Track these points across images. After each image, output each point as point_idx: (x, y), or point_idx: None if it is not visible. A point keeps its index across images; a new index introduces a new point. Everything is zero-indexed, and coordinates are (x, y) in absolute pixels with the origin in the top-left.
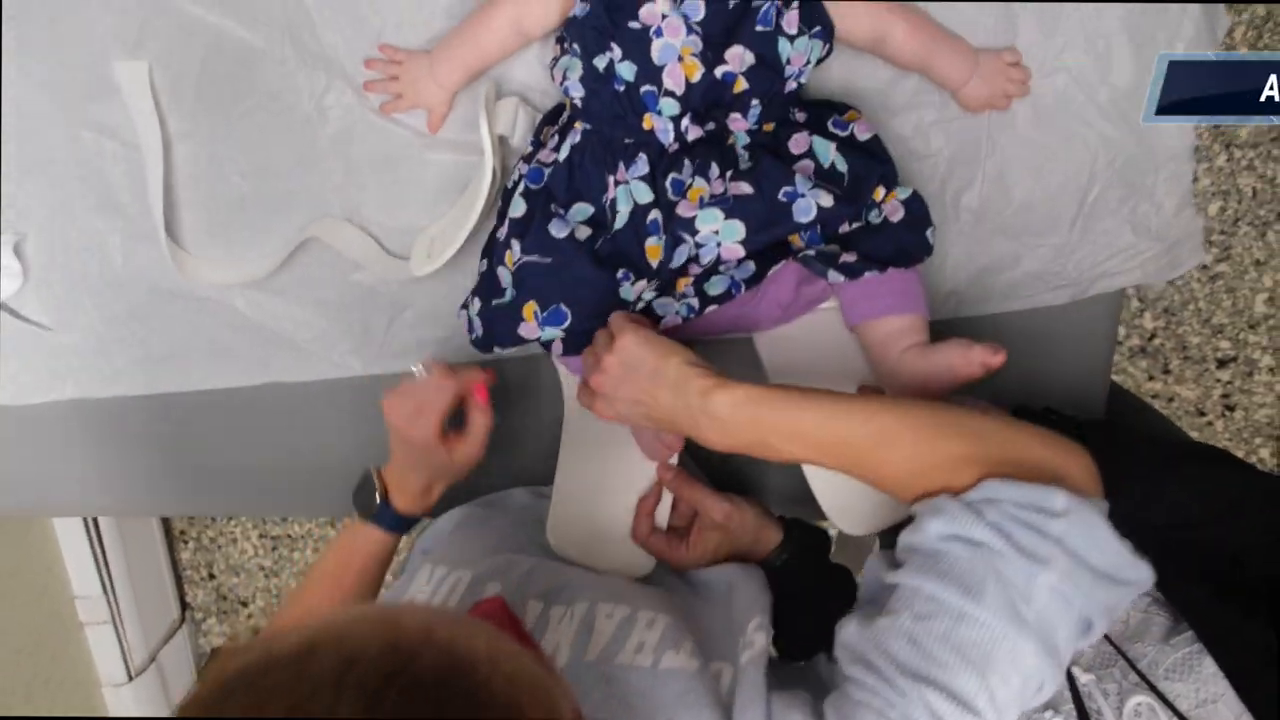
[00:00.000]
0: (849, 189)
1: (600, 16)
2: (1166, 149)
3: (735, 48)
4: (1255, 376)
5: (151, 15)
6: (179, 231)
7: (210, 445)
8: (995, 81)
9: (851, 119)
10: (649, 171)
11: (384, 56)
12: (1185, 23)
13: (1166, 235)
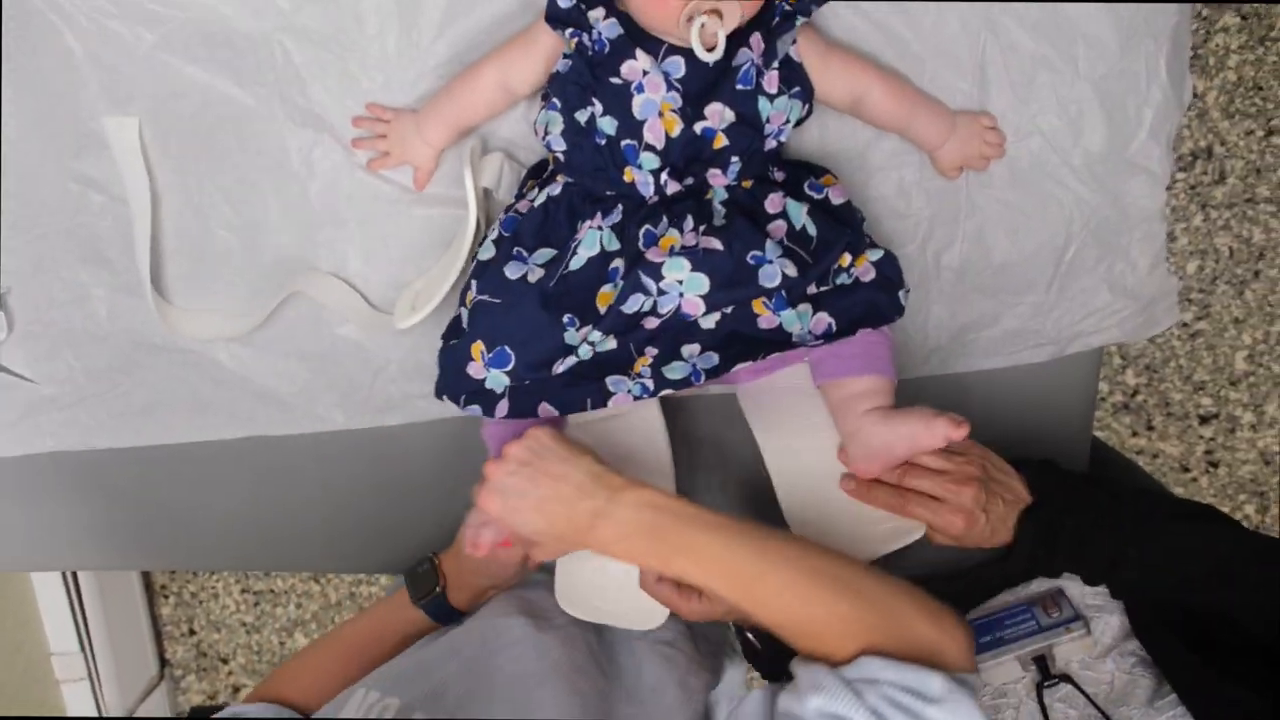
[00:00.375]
0: (815, 253)
1: (583, 72)
2: (1139, 210)
3: (715, 104)
4: (1237, 433)
5: (141, 72)
6: (164, 284)
7: (191, 499)
8: (972, 143)
9: (828, 183)
10: (621, 220)
11: (371, 115)
12: (1154, 89)
13: (1142, 294)
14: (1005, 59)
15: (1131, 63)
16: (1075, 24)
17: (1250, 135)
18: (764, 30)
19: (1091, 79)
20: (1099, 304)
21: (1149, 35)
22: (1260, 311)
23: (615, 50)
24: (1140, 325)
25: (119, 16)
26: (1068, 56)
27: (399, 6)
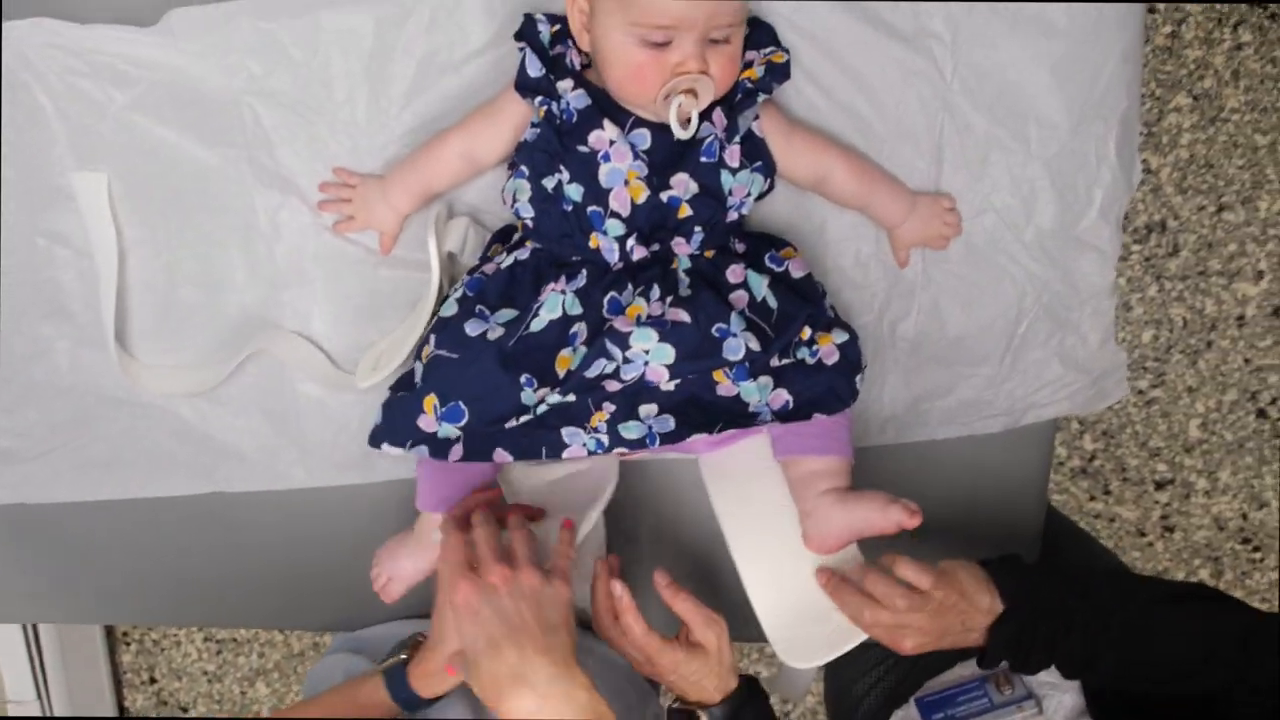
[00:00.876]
0: (776, 325)
1: (551, 141)
2: (1089, 286)
3: (680, 175)
4: (1192, 499)
5: (111, 131)
6: (128, 339)
7: (151, 554)
8: (932, 223)
9: (788, 255)
10: (585, 285)
11: (338, 180)
12: (1104, 170)
13: (1092, 368)
14: (961, 139)
15: (1082, 144)
16: (1028, 106)
17: (1202, 211)
18: (726, 106)
19: (1043, 159)
20: (1051, 376)
21: (1099, 118)
22: (1213, 381)
23: (583, 120)
24: (1091, 398)
25: (90, 76)
26: (1020, 137)
27: (368, 74)
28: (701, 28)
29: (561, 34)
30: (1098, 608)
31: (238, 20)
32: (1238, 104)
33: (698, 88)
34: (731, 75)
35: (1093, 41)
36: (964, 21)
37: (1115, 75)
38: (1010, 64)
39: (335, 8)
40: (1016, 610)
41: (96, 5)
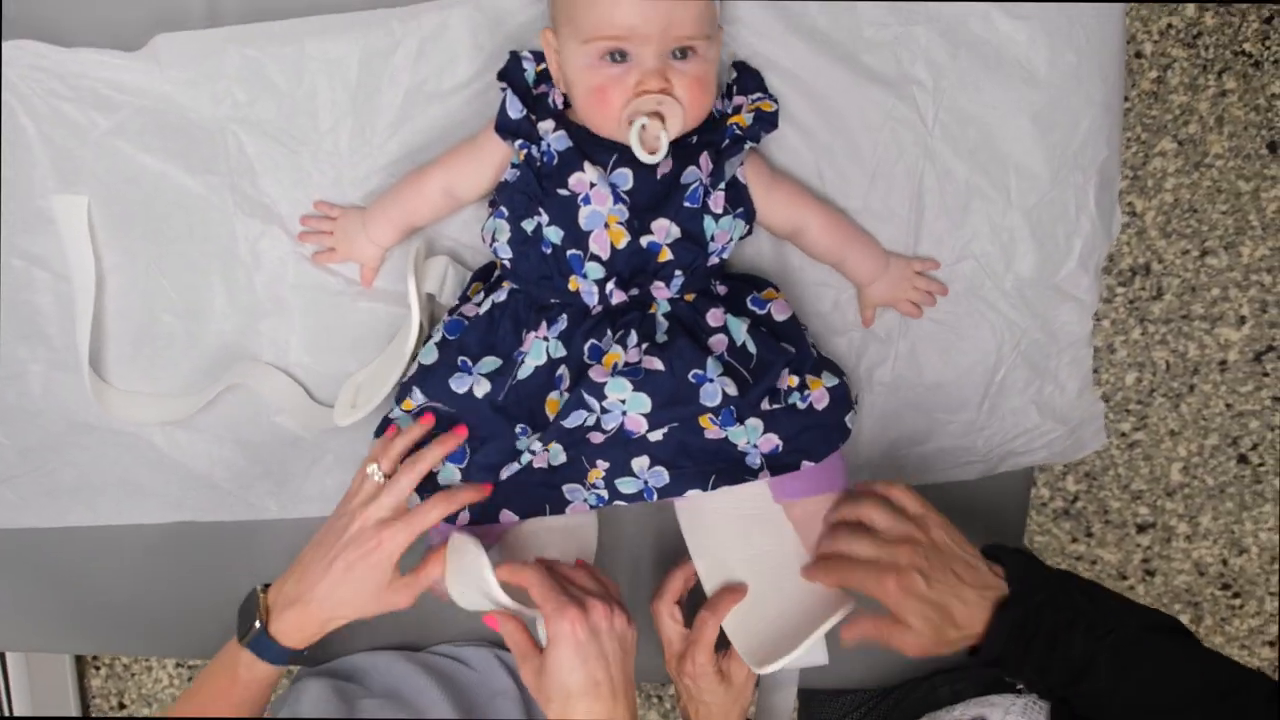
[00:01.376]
0: (755, 371)
1: (531, 182)
2: (1068, 335)
3: (661, 220)
4: (1173, 543)
5: (93, 156)
6: (104, 365)
7: (118, 582)
8: (901, 285)
9: (770, 297)
10: (567, 328)
11: (319, 213)
12: (1083, 220)
13: (1070, 417)
14: (941, 185)
15: (1061, 194)
16: (1009, 154)
17: (1186, 255)
18: (713, 151)
19: (1023, 208)
20: (1028, 425)
21: (1078, 168)
22: (1194, 425)
23: (563, 162)
24: (1068, 447)
25: (73, 100)
26: (1000, 186)
27: (354, 104)
28: (658, 40)
29: (547, 72)
30: (1103, 610)
31: (224, 47)
32: (1221, 150)
33: (664, 111)
34: (701, 98)
35: (1074, 91)
36: (947, 67)
37: (1095, 125)
38: (992, 111)
39: (322, 36)
40: (1023, 594)
41: (83, 28)
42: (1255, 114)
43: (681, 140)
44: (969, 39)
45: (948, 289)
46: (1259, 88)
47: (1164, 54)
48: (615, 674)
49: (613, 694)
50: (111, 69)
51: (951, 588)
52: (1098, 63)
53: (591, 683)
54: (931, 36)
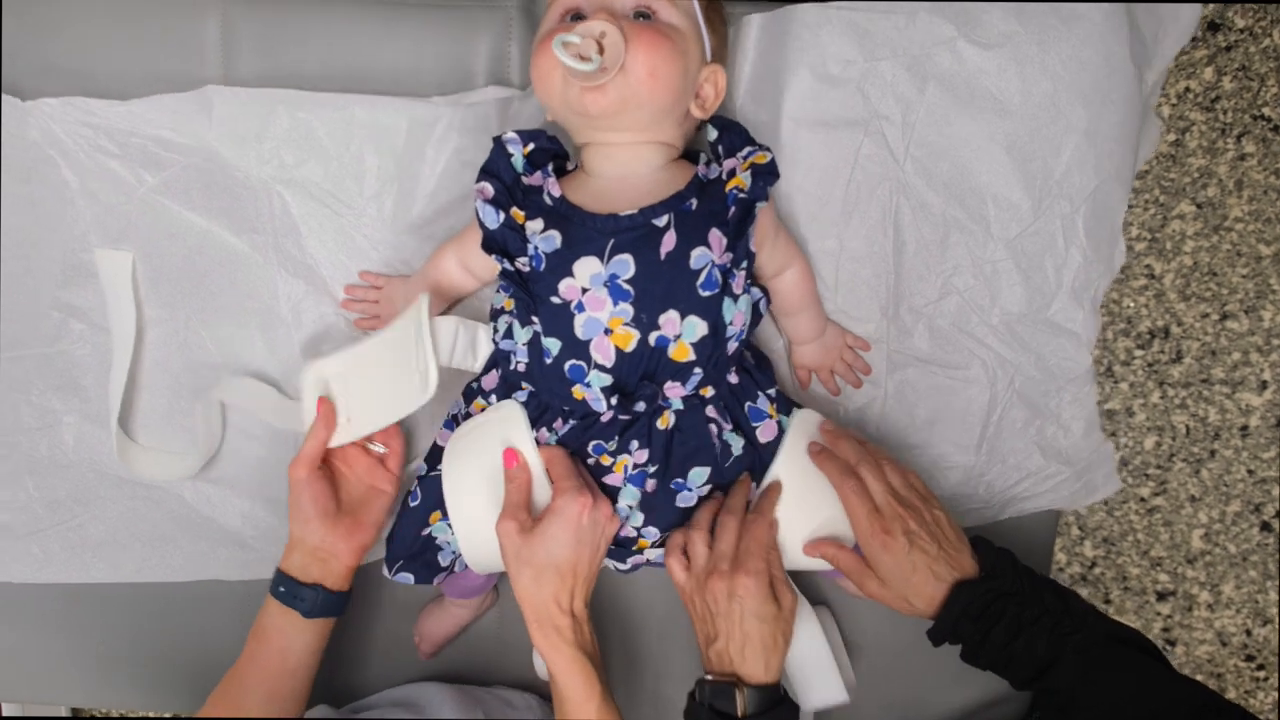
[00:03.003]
0: (727, 470)
1: (520, 294)
2: (1065, 371)
3: (670, 312)
4: (1194, 612)
5: (138, 212)
6: (135, 416)
7: (129, 637)
8: (830, 353)
9: (772, 414)
10: (569, 433)
11: (365, 283)
12: (1073, 251)
13: (1077, 459)
14: (917, 218)
15: (1046, 225)
16: (984, 187)
17: (1206, 318)
18: (721, 225)
19: (1004, 239)
20: (1032, 468)
21: (1063, 198)
22: (1216, 491)
23: (552, 267)
24: (1078, 492)
25: (120, 157)
26: (979, 218)
27: (399, 170)
28: None
29: (540, 152)
30: (1073, 613)
31: (274, 107)
32: (1241, 213)
33: (604, 42)
34: (655, 48)
35: (1051, 120)
36: (915, 101)
37: (1078, 153)
38: (964, 144)
39: (373, 105)
40: (987, 580)
41: (134, 83)
42: (1275, 178)
43: (680, 208)
44: (937, 72)
45: (871, 369)
46: (1278, 152)
47: (1182, 117)
48: (589, 567)
49: (583, 578)
50: (161, 125)
51: (930, 560)
52: (1078, 89)
53: (570, 565)
54: (898, 71)
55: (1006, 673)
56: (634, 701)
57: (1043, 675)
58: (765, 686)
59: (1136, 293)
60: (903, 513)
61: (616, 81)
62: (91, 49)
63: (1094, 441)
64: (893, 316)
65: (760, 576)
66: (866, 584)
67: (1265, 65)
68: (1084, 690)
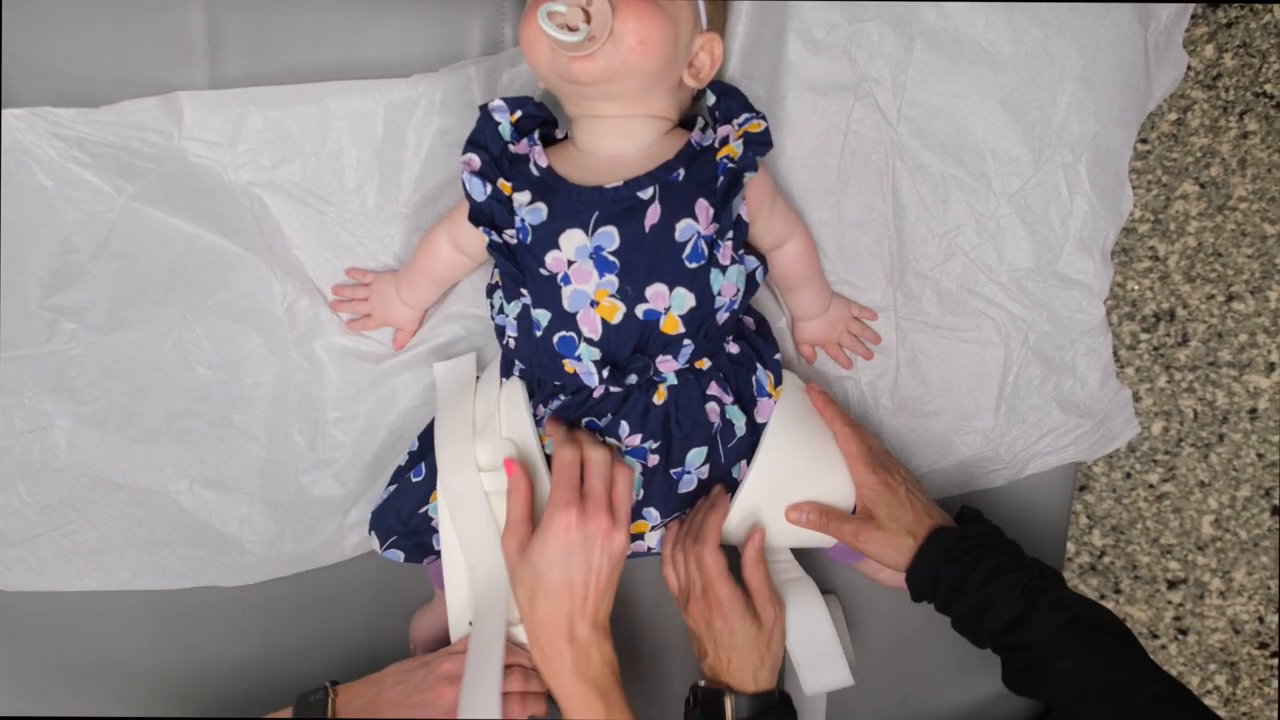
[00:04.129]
0: (728, 453)
1: (507, 265)
2: (1078, 324)
3: (658, 285)
4: (1206, 600)
5: (121, 220)
6: (131, 417)
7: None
8: (835, 327)
9: (775, 395)
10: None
11: (353, 280)
12: (1078, 200)
13: (1095, 410)
14: (915, 181)
15: (1049, 176)
16: (982, 142)
17: (1211, 300)
18: (709, 195)
19: (1006, 194)
20: (1052, 424)
21: (1064, 147)
22: (1225, 476)
23: (538, 240)
24: (1098, 442)
25: (94, 167)
26: (979, 174)
27: (379, 161)
28: None
29: (527, 119)
30: (1050, 578)
31: (246, 109)
32: (1245, 192)
33: (591, 10)
34: (644, 14)
35: (1045, 68)
36: (904, 60)
37: (1076, 100)
38: (958, 100)
39: (346, 95)
40: (972, 526)
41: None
42: (1279, 155)
43: (666, 180)
44: (924, 29)
45: (880, 339)
46: None
47: (1183, 96)
48: (593, 584)
49: (583, 601)
50: (130, 136)
51: (917, 510)
52: (1069, 33)
53: (565, 583)
54: (884, 31)
55: (980, 624)
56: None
57: (1014, 627)
58: (755, 694)
59: (1141, 275)
60: (888, 464)
61: (605, 49)
62: (73, 50)
63: (1110, 390)
64: (898, 283)
65: (732, 601)
66: (860, 535)
67: (1266, 42)
68: (1055, 653)
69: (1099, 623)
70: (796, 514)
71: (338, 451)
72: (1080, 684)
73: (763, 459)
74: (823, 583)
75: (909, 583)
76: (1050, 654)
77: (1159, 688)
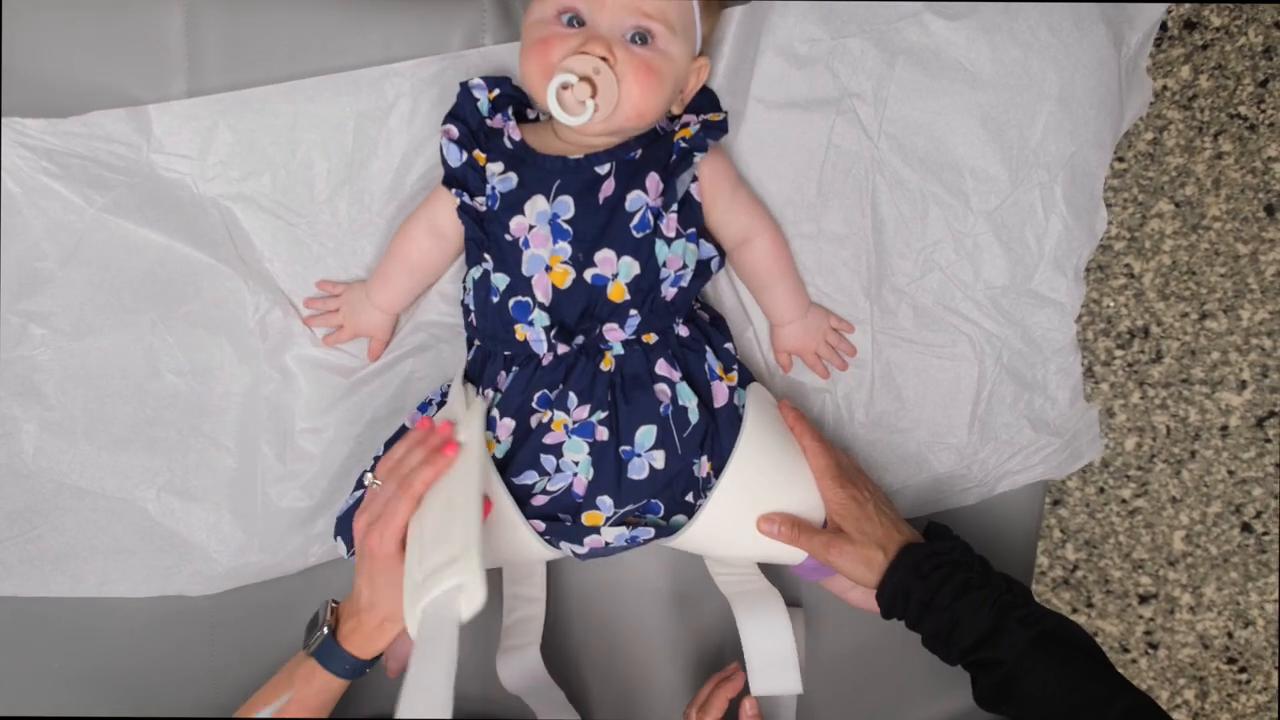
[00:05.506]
0: (684, 443)
1: (474, 229)
2: (1050, 343)
3: (606, 251)
4: (1176, 614)
5: (91, 230)
6: (98, 424)
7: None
8: (812, 334)
9: (729, 381)
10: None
11: (322, 293)
12: (1053, 220)
13: (1065, 429)
14: (894, 197)
15: (1025, 195)
16: (961, 159)
17: (1185, 318)
18: (661, 171)
19: (984, 212)
20: (1023, 442)
21: (1040, 166)
22: (1197, 492)
23: (505, 205)
24: (1065, 460)
25: (63, 179)
26: (957, 191)
27: (350, 171)
28: (613, 9)
29: (503, 98)
30: (1018, 594)
31: (215, 122)
32: (1219, 212)
33: (598, 81)
34: (645, 86)
35: (1024, 88)
36: (885, 76)
37: (1053, 121)
38: (938, 117)
39: (315, 102)
40: (941, 542)
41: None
42: (1252, 176)
43: (624, 158)
44: (905, 46)
45: (856, 351)
46: (1255, 150)
47: (1159, 116)
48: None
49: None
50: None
51: (886, 525)
52: (1049, 54)
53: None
54: (866, 47)
55: (950, 641)
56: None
57: (984, 644)
58: None
59: (1116, 292)
60: (857, 479)
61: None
62: (50, 58)
63: (1079, 409)
64: (875, 297)
65: None
66: (831, 549)
67: (1241, 64)
68: (1025, 670)
69: (1067, 637)
70: (768, 525)
71: (306, 463)
72: (1050, 700)
73: (733, 472)
74: (790, 597)
75: (879, 599)
76: (1020, 670)
77: (1127, 702)
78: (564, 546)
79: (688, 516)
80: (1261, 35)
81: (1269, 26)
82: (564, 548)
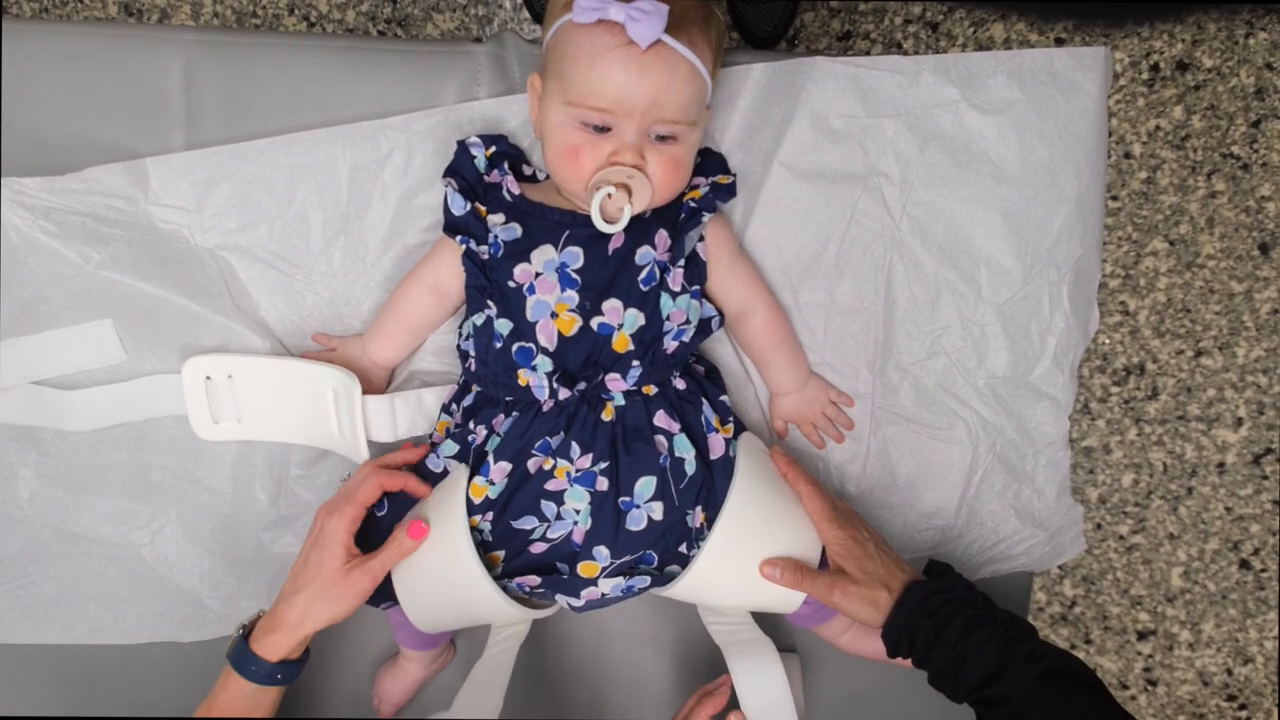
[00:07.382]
0: (681, 494)
1: (477, 276)
2: (1043, 436)
3: (613, 300)
4: (1175, 651)
5: (90, 283)
6: (94, 473)
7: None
8: (813, 406)
9: (725, 433)
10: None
11: (319, 346)
12: (1057, 318)
13: (1049, 523)
14: (909, 277)
15: (1034, 290)
16: (978, 250)
17: (1181, 355)
18: (669, 227)
19: (994, 303)
20: (1008, 531)
21: (1051, 265)
22: (1194, 528)
23: (510, 253)
24: (1047, 554)
25: (61, 236)
26: (971, 280)
27: (345, 222)
28: (641, 118)
29: (499, 155)
30: (1021, 629)
31: (211, 176)
32: (1213, 250)
33: (633, 185)
34: (673, 180)
35: (1046, 188)
36: (915, 160)
37: (1069, 223)
38: (960, 206)
39: (311, 153)
40: (944, 579)
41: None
42: (1246, 215)
43: (636, 215)
44: (937, 133)
45: (854, 425)
46: (1248, 190)
47: (1153, 155)
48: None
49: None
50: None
51: (887, 564)
52: (1072, 159)
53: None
54: (899, 129)
55: (957, 677)
56: None
57: (993, 680)
58: None
59: (1112, 329)
60: (854, 521)
61: None
62: (50, 114)
63: (1064, 505)
64: (879, 373)
65: None
66: (836, 590)
67: (1233, 104)
68: (1032, 707)
69: (1073, 672)
70: (770, 569)
71: (299, 509)
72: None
73: (725, 522)
74: (785, 644)
75: (885, 638)
76: (1027, 707)
77: None
78: (560, 599)
79: (681, 566)
80: (1253, 76)
81: (1260, 68)
82: (560, 600)
